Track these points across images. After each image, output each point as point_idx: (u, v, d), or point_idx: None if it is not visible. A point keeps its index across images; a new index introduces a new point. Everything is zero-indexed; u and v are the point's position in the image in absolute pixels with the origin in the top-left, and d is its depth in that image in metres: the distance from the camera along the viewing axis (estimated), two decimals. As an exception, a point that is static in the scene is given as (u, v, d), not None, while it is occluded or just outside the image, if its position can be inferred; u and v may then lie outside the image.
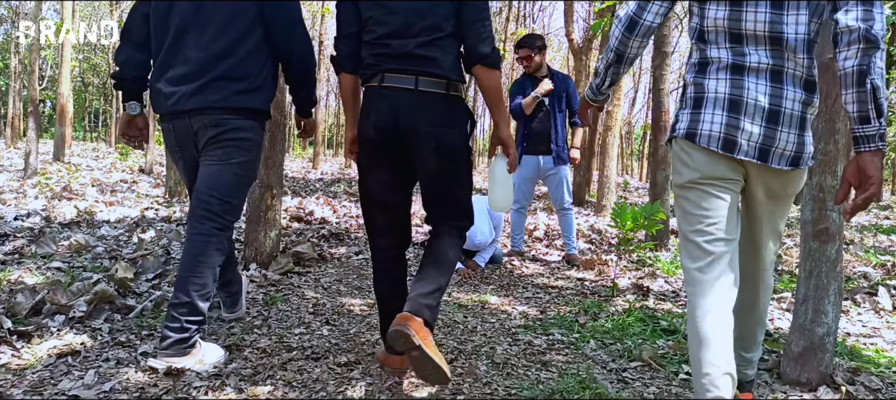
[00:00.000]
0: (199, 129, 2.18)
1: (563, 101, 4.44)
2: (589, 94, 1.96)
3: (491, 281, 3.92)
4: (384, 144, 1.96)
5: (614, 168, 7.88)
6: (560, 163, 4.44)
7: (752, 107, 1.57)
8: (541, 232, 5.99)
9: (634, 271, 4.31)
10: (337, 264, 4.03)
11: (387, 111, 1.92)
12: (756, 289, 1.83)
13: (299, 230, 5.20)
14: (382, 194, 2.04)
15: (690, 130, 1.65)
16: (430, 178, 1.98)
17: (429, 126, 1.91)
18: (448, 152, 1.95)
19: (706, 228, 1.64)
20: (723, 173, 1.63)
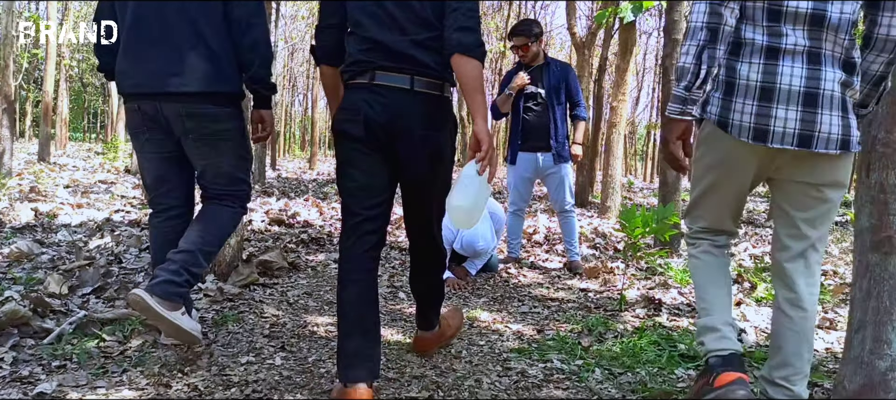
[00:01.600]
0: (170, 117, 2.07)
1: (561, 92, 4.01)
2: (674, 109, 1.65)
3: (483, 292, 3.50)
4: (372, 143, 1.86)
5: (619, 167, 7.45)
6: (560, 161, 4.01)
7: (786, 92, 1.54)
8: (541, 236, 5.56)
9: (643, 281, 3.88)
10: (310, 274, 3.60)
11: (381, 111, 1.82)
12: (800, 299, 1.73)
13: (278, 234, 4.79)
14: (364, 193, 1.92)
15: (722, 119, 1.62)
16: (418, 183, 1.95)
17: (424, 129, 1.85)
18: (438, 157, 1.91)
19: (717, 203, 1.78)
20: (740, 163, 1.66)
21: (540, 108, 4.01)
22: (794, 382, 1.73)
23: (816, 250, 1.73)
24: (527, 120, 4.03)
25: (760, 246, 5.65)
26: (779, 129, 1.55)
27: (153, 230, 2.30)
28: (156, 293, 1.94)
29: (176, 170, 2.24)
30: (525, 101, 4.03)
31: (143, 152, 2.20)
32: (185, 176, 2.27)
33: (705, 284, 1.87)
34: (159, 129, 2.12)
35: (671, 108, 1.66)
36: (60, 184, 7.55)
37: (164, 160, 2.20)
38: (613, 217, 7.16)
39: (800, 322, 1.73)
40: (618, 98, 7.36)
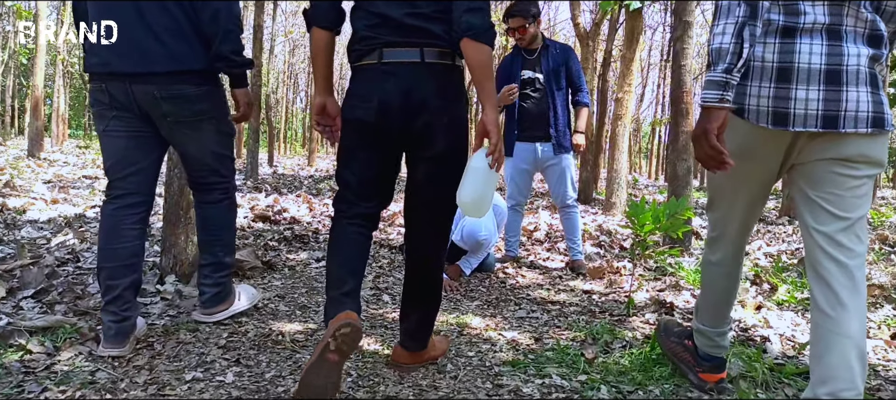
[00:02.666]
0: (142, 99, 1.98)
1: (562, 76, 3.69)
2: (712, 97, 1.46)
3: (476, 294, 3.18)
4: (384, 129, 1.78)
5: (625, 162, 7.11)
6: (561, 151, 3.69)
7: (806, 71, 1.45)
8: (541, 233, 5.24)
9: (653, 282, 3.55)
10: (287, 274, 3.29)
11: (394, 91, 1.74)
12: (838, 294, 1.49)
13: (259, 232, 4.48)
14: (368, 182, 1.86)
15: (738, 104, 1.55)
16: (435, 162, 1.82)
17: (440, 100, 1.76)
18: (456, 131, 1.81)
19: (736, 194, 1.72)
20: (758, 152, 1.59)
21: (538, 95, 3.69)
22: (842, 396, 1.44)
23: (855, 235, 1.50)
24: (524, 107, 3.71)
25: (775, 244, 5.32)
26: (800, 111, 1.46)
27: (104, 219, 2.07)
28: (210, 307, 2.29)
29: (142, 153, 2.08)
30: (522, 87, 3.71)
31: (107, 131, 2.05)
32: (150, 161, 2.11)
33: (711, 293, 1.89)
34: (127, 109, 2.02)
35: (708, 97, 1.46)
36: (42, 179, 7.26)
37: (131, 139, 2.06)
38: (619, 214, 6.84)
39: (844, 322, 1.46)
40: (624, 89, 7.03)
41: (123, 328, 2.00)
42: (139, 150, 2.07)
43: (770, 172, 1.64)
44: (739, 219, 1.76)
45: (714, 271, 1.87)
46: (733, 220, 1.77)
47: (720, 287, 1.87)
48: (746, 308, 2.96)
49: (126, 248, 2.05)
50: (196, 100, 2.03)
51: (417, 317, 1.97)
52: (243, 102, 2.17)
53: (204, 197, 2.25)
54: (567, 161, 3.71)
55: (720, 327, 1.91)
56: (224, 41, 2.00)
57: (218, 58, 2.02)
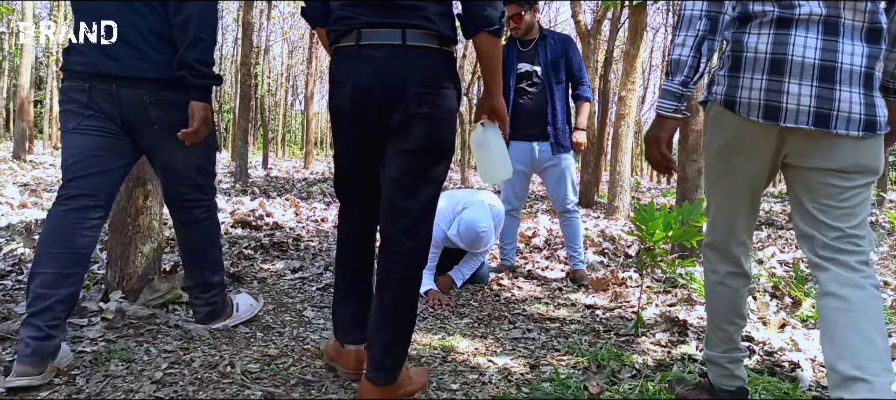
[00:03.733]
0: (127, 103, 1.90)
1: (561, 68, 3.37)
2: (667, 107, 1.54)
3: (466, 310, 2.85)
4: (362, 119, 1.66)
5: (628, 163, 6.79)
6: (560, 150, 3.36)
7: (799, 65, 1.40)
8: (541, 239, 4.91)
9: (663, 294, 3.22)
10: (257, 288, 2.96)
11: (369, 75, 1.60)
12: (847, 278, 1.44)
13: (235, 239, 4.15)
14: (347, 176, 1.81)
15: (729, 97, 1.50)
16: (414, 151, 1.63)
17: (420, 87, 1.59)
18: (441, 118, 1.64)
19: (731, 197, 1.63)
20: (751, 149, 1.52)
21: (535, 89, 3.37)
22: (869, 369, 1.31)
23: (852, 242, 1.46)
24: (520, 103, 3.38)
25: (789, 250, 4.98)
26: (792, 105, 1.42)
27: (51, 221, 1.87)
28: (207, 321, 2.25)
29: (111, 156, 1.94)
30: (518, 81, 3.39)
31: (78, 128, 1.90)
32: (117, 166, 1.97)
33: (716, 311, 1.75)
34: (107, 114, 1.91)
35: (663, 106, 1.54)
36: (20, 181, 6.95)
37: (103, 139, 1.92)
38: (622, 218, 6.51)
39: (858, 302, 1.40)
40: (627, 87, 6.70)
41: (43, 349, 1.71)
42: (109, 153, 1.93)
43: (761, 170, 1.57)
44: (733, 220, 1.66)
45: (716, 284, 1.73)
46: (727, 222, 1.67)
47: (724, 302, 1.72)
48: (769, 327, 2.62)
49: (70, 255, 1.83)
50: (185, 107, 1.94)
51: (386, 342, 1.66)
52: (199, 117, 1.94)
53: (184, 217, 2.16)
54: (567, 162, 3.38)
55: (732, 353, 1.74)
56: (190, 48, 1.88)
57: (181, 65, 1.89)
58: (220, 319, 2.28)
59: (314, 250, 4.01)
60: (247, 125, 8.71)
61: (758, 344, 2.41)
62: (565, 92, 3.41)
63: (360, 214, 1.86)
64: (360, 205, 1.85)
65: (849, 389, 1.31)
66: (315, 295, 2.89)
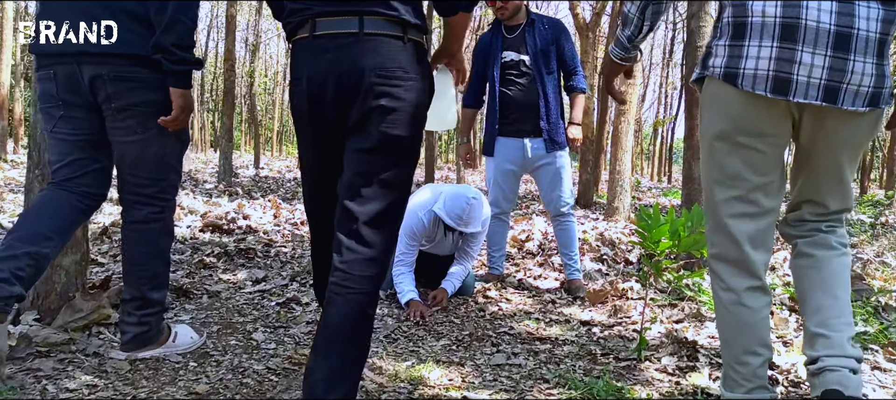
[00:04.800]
0: (93, 81, 1.79)
1: (552, 57, 3.02)
2: (616, 51, 1.63)
3: (444, 329, 2.51)
4: (321, 119, 1.51)
5: (628, 162, 6.43)
6: (554, 148, 3.02)
7: (813, 31, 1.27)
8: (535, 243, 4.56)
9: (667, 308, 2.88)
10: (204, 305, 2.61)
11: (324, 69, 1.46)
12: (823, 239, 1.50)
13: (198, 245, 3.80)
14: (323, 182, 1.61)
15: (730, 69, 1.34)
16: (371, 150, 1.46)
17: (377, 77, 1.43)
18: (403, 115, 1.46)
19: (741, 193, 1.42)
20: (762, 129, 1.36)
21: (525, 80, 3.02)
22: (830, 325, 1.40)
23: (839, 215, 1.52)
24: (508, 95, 3.04)
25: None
26: (803, 77, 1.28)
27: (39, 196, 1.89)
28: (133, 348, 1.93)
29: (91, 158, 1.90)
30: (503, 72, 3.05)
31: (54, 132, 1.87)
32: (99, 167, 1.92)
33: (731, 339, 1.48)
34: (77, 104, 1.83)
35: (614, 51, 1.64)
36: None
37: (79, 145, 1.86)
38: (622, 219, 6.16)
39: (825, 260, 1.48)
40: (627, 82, 6.34)
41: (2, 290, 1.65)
42: (90, 152, 1.88)
43: (775, 155, 1.41)
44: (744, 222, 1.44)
45: (732, 305, 1.46)
46: (737, 226, 1.44)
47: (744, 328, 1.45)
48: (792, 350, 2.27)
49: (53, 220, 1.80)
50: (152, 87, 1.81)
51: (332, 367, 1.40)
52: (178, 104, 1.85)
53: (133, 215, 1.93)
54: (562, 160, 3.04)
55: (759, 392, 1.46)
56: (167, 30, 1.75)
57: (157, 48, 1.77)
58: (150, 346, 1.95)
59: (285, 257, 3.66)
60: (231, 123, 8.36)
61: (781, 372, 2.06)
62: (557, 83, 3.07)
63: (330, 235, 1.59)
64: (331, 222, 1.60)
65: (811, 346, 1.42)
66: (272, 312, 2.54)
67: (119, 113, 1.82)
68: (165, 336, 1.99)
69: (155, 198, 1.93)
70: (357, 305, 1.44)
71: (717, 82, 1.38)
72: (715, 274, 1.51)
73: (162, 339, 1.98)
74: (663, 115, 25.97)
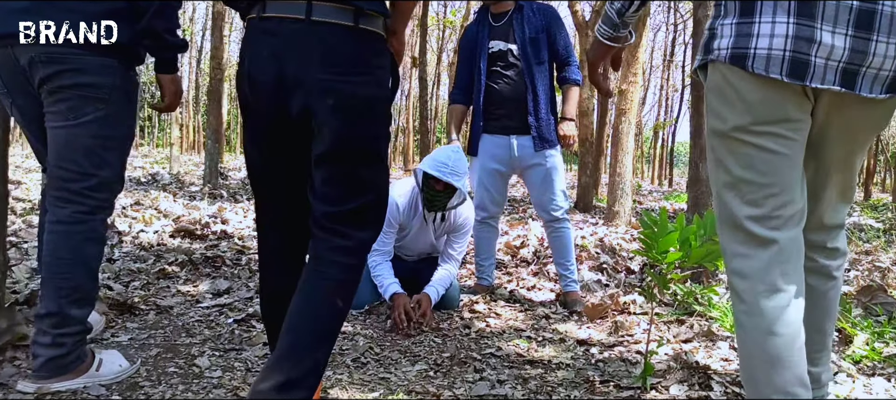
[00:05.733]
0: (28, 65, 1.63)
1: (542, 47, 2.75)
2: (603, 30, 1.41)
3: (422, 350, 2.21)
4: (266, 109, 1.38)
5: (630, 164, 6.14)
6: (545, 146, 2.73)
7: (834, 7, 1.09)
8: (530, 250, 4.26)
9: (674, 324, 2.58)
10: (153, 320, 2.31)
11: (267, 56, 1.34)
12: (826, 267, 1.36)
13: (162, 252, 3.50)
14: (271, 181, 1.46)
15: (738, 50, 1.16)
16: (327, 154, 1.36)
17: (325, 73, 1.33)
18: (356, 112, 1.36)
19: (765, 199, 1.18)
20: (787, 114, 1.16)
21: (512, 72, 2.74)
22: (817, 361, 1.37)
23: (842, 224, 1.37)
24: (494, 89, 2.76)
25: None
26: (821, 59, 1.10)
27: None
28: (44, 376, 1.63)
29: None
30: (490, 63, 2.76)
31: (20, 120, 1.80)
32: None
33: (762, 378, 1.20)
34: (19, 91, 1.71)
35: (601, 30, 1.42)
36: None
37: (35, 134, 1.80)
38: (623, 224, 5.87)
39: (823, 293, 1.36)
40: (628, 80, 6.07)
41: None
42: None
43: (799, 147, 1.20)
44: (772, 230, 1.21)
45: (756, 332, 1.20)
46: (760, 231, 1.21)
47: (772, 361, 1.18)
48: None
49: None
50: (89, 70, 1.65)
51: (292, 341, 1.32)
52: (170, 90, 1.88)
53: (56, 213, 1.70)
54: (553, 160, 2.75)
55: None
56: (157, 16, 1.69)
57: (147, 34, 1.71)
58: (65, 374, 1.66)
59: (255, 267, 3.37)
60: (219, 123, 8.08)
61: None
62: (549, 75, 2.79)
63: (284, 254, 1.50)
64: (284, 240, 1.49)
65: None
66: (226, 332, 2.24)
67: (50, 96, 1.67)
68: (86, 363, 1.70)
69: (82, 195, 1.69)
70: (326, 292, 1.35)
71: (724, 67, 1.19)
72: (737, 295, 1.24)
73: (82, 366, 1.68)
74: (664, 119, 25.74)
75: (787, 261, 1.20)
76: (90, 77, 1.66)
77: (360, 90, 1.36)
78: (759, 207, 1.19)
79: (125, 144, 1.80)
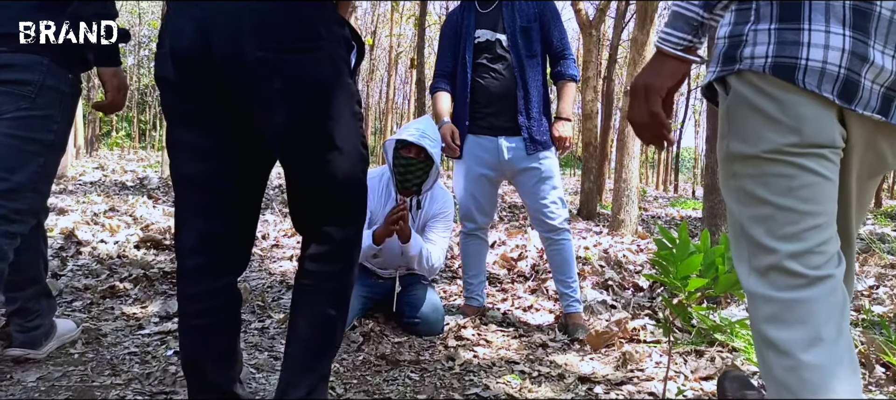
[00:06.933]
0: None
1: (534, 38, 2.42)
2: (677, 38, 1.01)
3: (395, 389, 1.86)
4: (194, 90, 1.21)
5: (636, 169, 5.78)
6: (537, 148, 2.39)
7: (886, 24, 0.96)
8: (528, 262, 3.91)
9: (692, 357, 2.22)
10: (77, 354, 1.96)
11: (192, 30, 1.17)
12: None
13: (116, 266, 3.17)
14: (199, 179, 1.26)
15: (784, 60, 0.97)
16: (284, 144, 1.22)
17: (263, 49, 1.15)
18: (306, 94, 1.19)
19: (808, 232, 0.98)
20: (834, 138, 0.98)
21: (501, 66, 2.41)
22: None
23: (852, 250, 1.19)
24: (481, 84, 2.43)
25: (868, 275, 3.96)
26: (868, 81, 0.96)
27: None
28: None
29: None
30: (476, 55, 2.43)
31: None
32: None
33: None
34: None
35: (670, 37, 1.01)
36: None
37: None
38: (629, 234, 5.52)
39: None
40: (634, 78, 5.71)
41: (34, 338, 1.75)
42: None
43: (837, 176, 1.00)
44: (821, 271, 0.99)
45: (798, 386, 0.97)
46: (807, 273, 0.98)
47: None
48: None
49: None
50: (13, 66, 1.54)
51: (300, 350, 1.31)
52: (112, 84, 1.79)
53: None
54: (547, 163, 2.41)
55: None
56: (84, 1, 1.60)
57: (77, 19, 1.58)
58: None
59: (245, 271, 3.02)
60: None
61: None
62: (542, 69, 2.46)
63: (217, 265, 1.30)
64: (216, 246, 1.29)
65: None
66: (157, 370, 1.88)
67: None
68: (44, 336, 1.67)
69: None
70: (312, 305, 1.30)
71: (760, 78, 1.00)
72: (772, 346, 1.00)
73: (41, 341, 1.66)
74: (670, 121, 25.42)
75: (838, 305, 0.99)
76: (16, 73, 1.56)
77: (312, 71, 1.18)
78: (801, 241, 0.99)
79: (51, 153, 1.63)
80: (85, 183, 7.97)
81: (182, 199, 1.30)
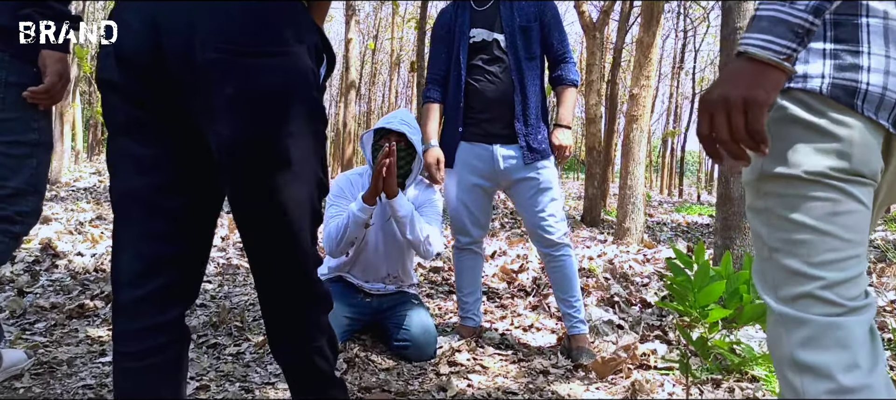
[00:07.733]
0: None
1: (533, 39, 2.24)
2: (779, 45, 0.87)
3: (377, 431, 1.67)
4: (140, 95, 1.06)
5: (641, 175, 5.58)
6: (535, 158, 2.20)
7: None
8: (528, 276, 3.71)
9: (708, 385, 2.01)
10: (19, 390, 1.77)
11: (140, 27, 1.03)
12: None
13: (95, 280, 2.98)
14: (143, 195, 1.09)
15: (844, 82, 0.94)
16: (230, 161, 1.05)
17: (217, 50, 1.00)
18: (262, 105, 1.04)
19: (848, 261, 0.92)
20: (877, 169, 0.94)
21: (498, 68, 2.22)
22: None
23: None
24: (475, 88, 2.24)
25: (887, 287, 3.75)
26: None
27: None
28: None
29: None
30: (471, 56, 2.24)
31: None
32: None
33: None
34: None
35: (774, 46, 0.86)
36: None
37: None
38: (635, 242, 5.31)
39: None
40: (640, 83, 5.52)
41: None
42: None
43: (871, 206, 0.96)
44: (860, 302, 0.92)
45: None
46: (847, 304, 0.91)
47: None
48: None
49: None
50: None
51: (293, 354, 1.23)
52: (52, 70, 1.59)
53: None
54: (546, 173, 2.21)
55: None
56: None
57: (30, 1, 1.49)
58: None
59: (200, 299, 2.84)
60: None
61: None
62: (540, 73, 2.27)
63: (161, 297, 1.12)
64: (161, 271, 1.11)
65: None
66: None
67: None
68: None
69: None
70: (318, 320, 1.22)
71: (814, 98, 0.96)
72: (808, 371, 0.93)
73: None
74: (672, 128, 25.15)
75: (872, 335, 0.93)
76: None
77: (272, 78, 1.03)
78: (841, 271, 0.93)
79: (40, 152, 1.60)
80: (78, 189, 7.81)
81: (123, 220, 1.11)
